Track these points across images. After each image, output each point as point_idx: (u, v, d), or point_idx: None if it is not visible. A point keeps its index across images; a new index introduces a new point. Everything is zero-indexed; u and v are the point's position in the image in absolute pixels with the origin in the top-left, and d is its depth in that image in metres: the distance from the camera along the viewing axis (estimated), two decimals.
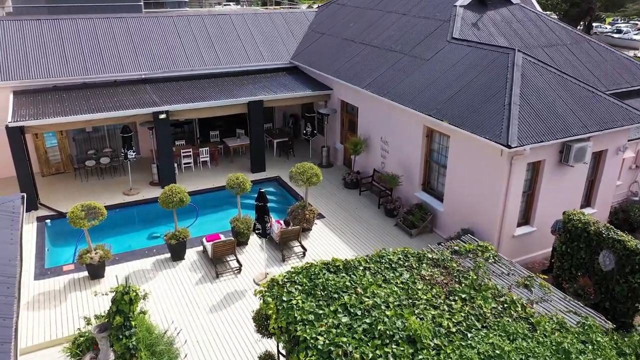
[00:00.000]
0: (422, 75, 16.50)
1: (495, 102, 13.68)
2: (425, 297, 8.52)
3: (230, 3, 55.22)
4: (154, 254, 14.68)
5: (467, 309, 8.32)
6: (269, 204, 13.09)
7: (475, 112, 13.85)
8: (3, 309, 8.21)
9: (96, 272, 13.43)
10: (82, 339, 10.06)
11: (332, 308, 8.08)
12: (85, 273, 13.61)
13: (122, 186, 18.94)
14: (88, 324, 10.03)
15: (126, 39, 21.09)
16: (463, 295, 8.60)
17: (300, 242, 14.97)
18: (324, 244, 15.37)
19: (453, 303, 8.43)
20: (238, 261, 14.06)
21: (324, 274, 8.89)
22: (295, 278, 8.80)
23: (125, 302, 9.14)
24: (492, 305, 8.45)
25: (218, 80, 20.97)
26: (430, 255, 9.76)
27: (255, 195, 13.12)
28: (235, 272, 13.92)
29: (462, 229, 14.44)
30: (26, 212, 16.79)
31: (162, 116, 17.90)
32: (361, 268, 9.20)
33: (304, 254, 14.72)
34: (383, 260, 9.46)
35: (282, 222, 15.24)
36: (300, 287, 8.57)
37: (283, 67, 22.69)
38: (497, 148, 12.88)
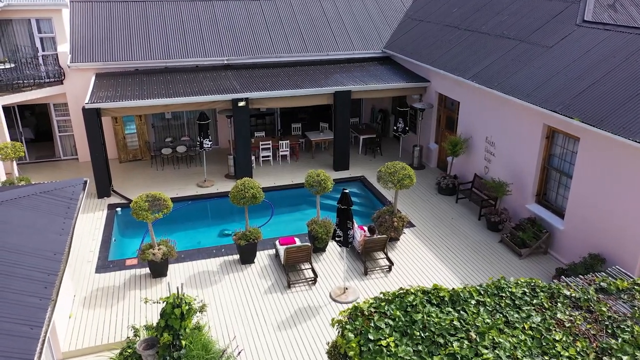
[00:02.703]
0: (544, 65, 13.74)
1: None
2: (567, 354, 6.12)
3: None
4: (222, 254, 13.23)
5: None
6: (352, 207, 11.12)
7: (618, 110, 10.98)
8: (34, 315, 6.83)
9: (159, 269, 12.16)
10: (129, 350, 8.67)
11: (436, 358, 5.93)
12: (148, 270, 12.42)
13: (197, 177, 17.83)
14: (136, 334, 8.63)
15: (211, 23, 20.06)
16: (624, 358, 6.09)
17: (386, 254, 12.84)
18: (414, 258, 13.13)
19: None
20: (313, 270, 12.22)
21: (425, 307, 6.75)
22: (386, 308, 6.73)
23: (175, 316, 7.58)
24: None
25: (303, 69, 19.35)
26: (567, 292, 7.28)
27: (338, 197, 11.21)
28: (310, 282, 12.10)
29: (589, 254, 11.63)
30: (98, 198, 16.23)
31: (242, 104, 16.51)
32: (473, 302, 6.94)
33: (389, 268, 12.58)
34: (503, 294, 7.14)
35: (365, 228, 13.21)
36: (392, 323, 6.49)
37: (375, 56, 20.66)
38: None
